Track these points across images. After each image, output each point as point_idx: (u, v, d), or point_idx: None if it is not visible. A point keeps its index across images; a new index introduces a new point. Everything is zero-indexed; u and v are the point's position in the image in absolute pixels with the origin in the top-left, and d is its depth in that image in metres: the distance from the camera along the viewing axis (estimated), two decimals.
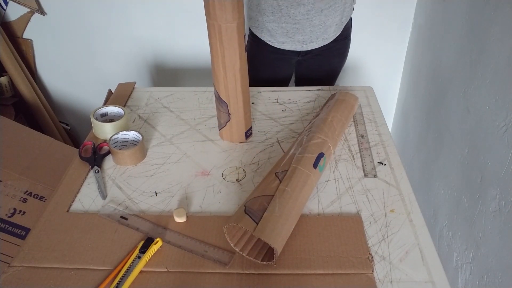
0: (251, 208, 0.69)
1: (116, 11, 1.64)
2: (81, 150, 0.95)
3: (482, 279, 1.03)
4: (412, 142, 1.65)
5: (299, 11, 1.20)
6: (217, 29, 0.82)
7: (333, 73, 1.44)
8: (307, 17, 1.22)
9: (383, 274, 0.67)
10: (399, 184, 0.85)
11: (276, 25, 1.25)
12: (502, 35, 1.00)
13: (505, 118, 0.96)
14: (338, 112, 0.95)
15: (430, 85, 1.46)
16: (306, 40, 1.28)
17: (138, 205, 0.82)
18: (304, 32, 1.25)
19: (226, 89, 0.89)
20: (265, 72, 1.41)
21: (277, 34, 1.27)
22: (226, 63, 0.85)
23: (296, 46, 1.30)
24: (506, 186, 0.95)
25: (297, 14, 1.21)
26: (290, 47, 1.30)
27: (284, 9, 1.20)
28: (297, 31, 1.25)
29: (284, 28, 1.25)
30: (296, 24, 1.23)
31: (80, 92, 1.90)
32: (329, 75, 1.43)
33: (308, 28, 1.25)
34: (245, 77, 0.89)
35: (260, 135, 1.01)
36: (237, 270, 0.68)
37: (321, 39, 1.29)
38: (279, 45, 1.31)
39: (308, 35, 1.27)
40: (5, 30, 1.66)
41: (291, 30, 1.25)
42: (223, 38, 0.83)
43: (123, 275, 0.66)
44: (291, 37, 1.27)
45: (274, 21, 1.24)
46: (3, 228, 1.21)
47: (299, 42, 1.29)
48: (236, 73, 0.87)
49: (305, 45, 1.30)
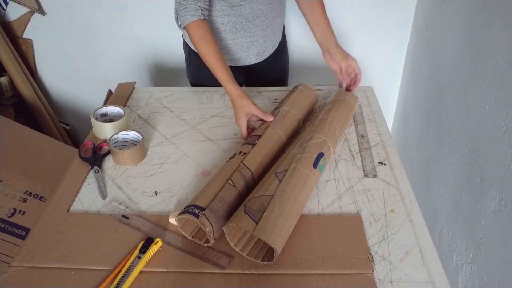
0: (251, 208, 0.69)
1: (116, 11, 1.64)
2: (81, 150, 0.95)
3: (482, 279, 1.03)
4: (412, 142, 1.65)
5: (254, 24, 1.13)
6: None
7: (284, 72, 1.39)
8: (261, 28, 1.16)
9: (383, 274, 0.67)
10: (399, 184, 0.85)
11: (230, 42, 1.16)
12: (502, 35, 0.99)
13: (505, 118, 0.96)
14: (338, 112, 0.95)
15: (430, 85, 1.46)
16: (260, 52, 1.22)
17: (138, 205, 0.82)
18: (258, 44, 1.19)
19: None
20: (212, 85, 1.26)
21: (231, 51, 1.18)
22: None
23: (251, 60, 1.22)
24: (506, 186, 0.95)
25: (252, 27, 1.14)
26: (245, 62, 1.22)
27: (239, 24, 1.12)
28: (251, 44, 1.18)
29: (238, 44, 1.17)
30: (251, 37, 1.16)
31: (80, 92, 1.90)
32: (281, 75, 1.38)
33: (262, 39, 1.19)
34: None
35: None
36: (237, 270, 0.68)
37: (271, 46, 1.24)
38: (233, 63, 1.21)
39: (262, 46, 1.21)
40: (5, 30, 1.66)
41: (245, 44, 1.17)
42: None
43: (123, 275, 0.66)
44: (246, 52, 1.19)
45: (227, 39, 1.15)
46: (3, 228, 1.21)
47: (253, 55, 1.21)
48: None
49: (259, 57, 1.23)
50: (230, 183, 0.75)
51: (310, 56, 1.71)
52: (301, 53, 1.70)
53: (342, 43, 1.71)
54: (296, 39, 1.65)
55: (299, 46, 1.67)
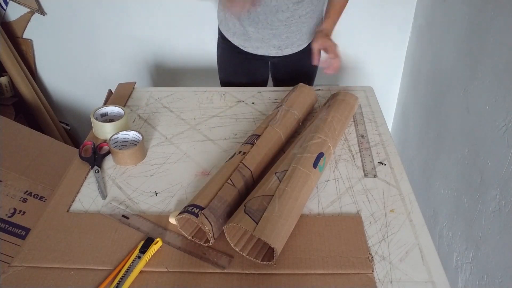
0: (251, 208, 0.69)
1: (116, 11, 1.64)
2: (81, 150, 0.95)
3: (482, 279, 1.03)
4: (412, 142, 1.65)
5: (277, 18, 1.16)
6: None
7: (310, 74, 1.40)
8: (285, 23, 1.18)
9: (383, 274, 0.67)
10: (399, 184, 0.85)
11: (252, 30, 1.19)
12: (502, 35, 1.00)
13: (505, 118, 0.96)
14: (338, 112, 0.95)
15: (430, 85, 1.46)
16: (281, 46, 1.24)
17: (138, 205, 0.82)
18: (281, 38, 1.21)
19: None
20: (239, 77, 1.36)
21: (252, 39, 1.22)
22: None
23: (270, 51, 1.25)
24: (506, 186, 0.95)
25: (275, 21, 1.16)
26: (265, 52, 1.26)
27: (262, 15, 1.15)
28: (273, 37, 1.21)
29: (260, 33, 1.20)
30: (273, 30, 1.19)
31: (80, 92, 1.90)
32: (306, 76, 1.39)
33: (284, 34, 1.21)
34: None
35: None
36: (237, 270, 0.68)
37: (296, 45, 1.26)
38: (253, 50, 1.26)
39: (284, 41, 1.23)
40: (5, 30, 1.66)
41: (267, 36, 1.20)
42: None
43: (123, 275, 0.66)
44: (267, 42, 1.22)
45: (250, 25, 1.18)
46: (3, 228, 1.21)
47: (274, 47, 1.24)
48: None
49: (280, 51, 1.25)
50: (230, 183, 0.75)
51: None
52: None
53: (342, 43, 1.71)
54: None
55: None
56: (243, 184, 0.77)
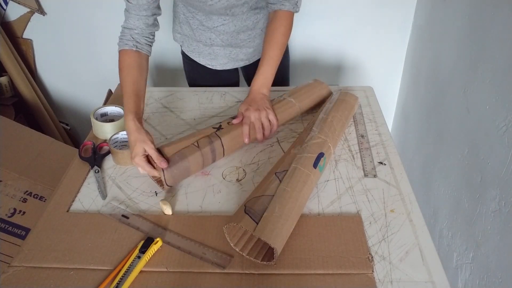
0: (251, 208, 0.69)
1: (116, 11, 1.63)
2: (81, 150, 0.95)
3: (482, 279, 1.03)
4: (412, 142, 1.65)
5: (240, 39, 1.17)
6: None
7: (283, 70, 1.38)
8: (248, 40, 1.19)
9: (383, 274, 0.67)
10: (399, 184, 0.85)
11: (218, 49, 1.19)
12: (502, 35, 0.99)
13: (505, 118, 0.96)
14: (338, 112, 0.95)
15: (430, 85, 1.46)
16: (249, 58, 1.25)
17: (138, 205, 0.82)
18: (247, 52, 1.22)
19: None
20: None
21: (219, 57, 1.21)
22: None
23: (238, 64, 1.25)
24: (506, 186, 0.95)
25: (239, 42, 1.18)
26: (233, 66, 1.25)
27: (225, 41, 1.16)
28: (240, 52, 1.21)
29: (226, 51, 1.20)
30: (239, 48, 1.20)
31: (80, 92, 1.90)
32: (281, 73, 1.36)
33: (251, 48, 1.21)
34: None
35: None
36: (237, 270, 0.68)
37: (261, 52, 1.24)
38: (221, 66, 1.24)
39: (251, 53, 1.23)
40: (5, 30, 1.66)
41: (234, 51, 1.20)
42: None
43: (123, 275, 0.66)
44: (234, 58, 1.22)
45: (215, 45, 1.18)
46: (3, 228, 1.21)
47: (242, 60, 1.24)
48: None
49: (247, 61, 1.26)
50: (195, 144, 0.85)
51: (311, 55, 1.71)
52: (302, 53, 1.70)
53: (342, 43, 1.71)
54: (297, 38, 1.65)
55: (299, 45, 1.67)
56: (209, 148, 0.86)
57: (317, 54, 1.70)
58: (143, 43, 0.98)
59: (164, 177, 0.80)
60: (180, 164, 0.82)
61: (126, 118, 0.87)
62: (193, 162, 0.84)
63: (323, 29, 1.64)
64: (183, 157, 0.83)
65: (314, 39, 1.67)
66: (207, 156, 0.86)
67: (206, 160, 0.86)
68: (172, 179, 0.82)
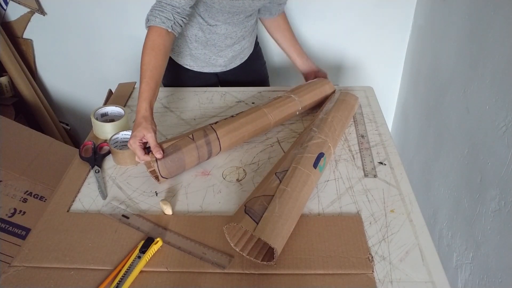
0: (251, 208, 0.69)
1: (116, 11, 1.64)
2: (81, 150, 0.95)
3: (482, 279, 1.03)
4: (412, 142, 1.65)
5: (225, 43, 1.18)
6: None
7: (261, 74, 1.41)
8: (230, 46, 1.21)
9: (383, 274, 0.67)
10: (399, 184, 0.85)
11: (199, 52, 1.20)
12: (502, 35, 1.00)
13: (505, 118, 0.96)
14: (338, 112, 0.95)
15: (430, 85, 1.46)
16: (227, 64, 1.26)
17: (138, 205, 0.82)
18: (227, 58, 1.23)
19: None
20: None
21: (198, 60, 1.22)
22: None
23: (216, 69, 1.27)
24: (506, 186, 0.95)
25: (222, 46, 1.19)
26: (210, 70, 1.26)
27: (211, 40, 1.16)
28: (219, 57, 1.22)
29: (206, 55, 1.21)
30: (219, 52, 1.21)
31: (80, 92, 1.90)
32: (259, 78, 1.40)
33: (230, 54, 1.23)
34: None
35: (260, 135, 1.01)
36: (237, 270, 0.68)
37: (239, 59, 1.28)
38: (199, 68, 1.25)
39: (229, 60, 1.25)
40: (5, 30, 1.66)
41: (213, 56, 1.21)
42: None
43: (123, 275, 0.66)
44: (213, 62, 1.23)
45: (196, 49, 1.19)
46: (3, 228, 1.21)
47: (220, 66, 1.26)
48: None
49: (225, 67, 1.28)
50: (190, 137, 0.86)
51: (311, 55, 1.71)
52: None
53: (342, 43, 1.72)
54: (297, 38, 1.65)
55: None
56: (204, 141, 0.86)
57: (317, 54, 1.70)
58: (178, 25, 0.96)
59: (158, 168, 0.81)
60: (174, 156, 0.83)
61: (139, 105, 0.88)
62: (188, 155, 0.84)
63: (323, 29, 1.64)
64: (177, 148, 0.83)
65: (314, 39, 1.67)
66: (202, 149, 0.86)
67: (201, 153, 0.86)
68: (166, 170, 0.83)
